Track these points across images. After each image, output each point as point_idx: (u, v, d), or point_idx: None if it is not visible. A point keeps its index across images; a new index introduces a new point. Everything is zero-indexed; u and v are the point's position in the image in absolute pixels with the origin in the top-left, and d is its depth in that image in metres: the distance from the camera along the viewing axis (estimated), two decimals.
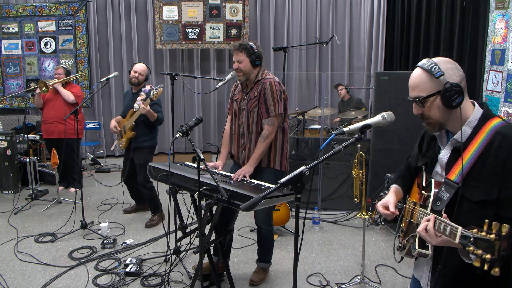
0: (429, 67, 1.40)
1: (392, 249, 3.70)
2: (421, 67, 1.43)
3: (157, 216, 4.25)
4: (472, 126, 1.42)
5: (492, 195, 1.32)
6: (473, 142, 1.39)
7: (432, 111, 1.43)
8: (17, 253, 3.55)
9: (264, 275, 3.18)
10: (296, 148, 4.71)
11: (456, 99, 1.37)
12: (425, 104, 1.43)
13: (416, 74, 1.45)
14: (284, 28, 7.19)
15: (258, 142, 2.82)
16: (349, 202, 4.39)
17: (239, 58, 2.85)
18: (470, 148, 1.38)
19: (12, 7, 6.57)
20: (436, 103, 1.41)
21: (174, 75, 3.98)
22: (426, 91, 1.42)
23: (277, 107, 2.80)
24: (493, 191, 1.32)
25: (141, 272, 3.20)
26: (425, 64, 1.42)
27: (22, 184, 5.36)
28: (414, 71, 1.47)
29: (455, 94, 1.37)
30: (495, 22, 4.11)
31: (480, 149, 1.37)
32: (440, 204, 1.41)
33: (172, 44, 6.88)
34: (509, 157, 1.31)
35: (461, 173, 1.38)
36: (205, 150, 7.25)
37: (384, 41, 6.79)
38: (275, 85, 2.81)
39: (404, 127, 4.32)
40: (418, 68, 1.45)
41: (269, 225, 3.06)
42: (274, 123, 2.82)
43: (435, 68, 1.39)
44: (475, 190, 1.36)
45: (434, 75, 1.39)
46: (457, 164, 1.41)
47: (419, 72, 1.44)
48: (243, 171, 2.74)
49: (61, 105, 4.95)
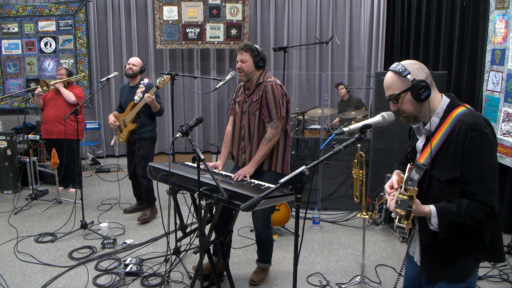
0: (397, 68, 1.64)
1: (392, 249, 3.71)
2: (391, 70, 1.67)
3: (149, 210, 4.35)
4: (439, 116, 1.64)
5: (456, 173, 1.55)
6: (439, 129, 1.61)
7: (405, 105, 1.65)
8: (17, 253, 3.55)
9: (264, 275, 3.18)
10: (296, 148, 4.71)
11: (423, 92, 1.59)
12: (399, 101, 1.65)
13: (388, 76, 1.68)
14: (284, 28, 7.19)
15: (261, 144, 2.82)
16: (349, 202, 4.39)
17: (243, 58, 2.84)
18: (437, 135, 1.61)
19: (12, 7, 6.57)
20: (407, 98, 1.63)
21: (174, 75, 3.99)
22: (398, 89, 1.64)
23: (279, 110, 2.80)
24: (456, 170, 1.55)
25: (141, 272, 3.20)
26: (394, 67, 1.66)
27: (22, 184, 5.36)
28: (386, 75, 1.69)
29: (422, 88, 1.58)
30: (495, 22, 4.11)
31: (445, 135, 1.59)
32: (411, 184, 1.61)
33: (172, 44, 6.88)
34: (466, 140, 1.52)
35: (429, 157, 1.60)
36: (205, 150, 7.25)
37: (384, 41, 6.79)
38: (276, 88, 2.81)
39: (404, 127, 4.26)
40: (389, 71, 1.68)
41: (268, 228, 3.05)
42: (277, 126, 2.82)
43: (402, 68, 1.63)
44: (442, 171, 1.58)
45: (402, 75, 1.62)
46: (426, 150, 1.63)
47: (390, 74, 1.67)
48: (244, 171, 2.74)
49: (62, 105, 4.95)
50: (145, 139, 4.20)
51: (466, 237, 1.60)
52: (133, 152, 4.26)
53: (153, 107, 4.06)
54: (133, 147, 4.24)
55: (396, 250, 3.68)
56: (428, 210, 1.54)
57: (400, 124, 1.85)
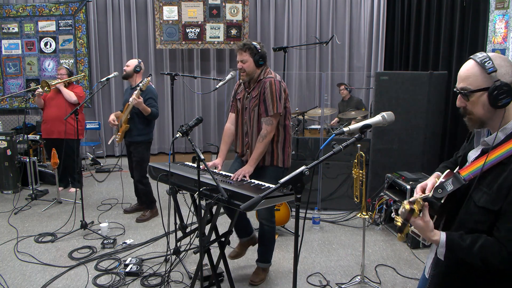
0: (482, 60, 1.34)
1: (392, 249, 3.71)
2: (474, 59, 1.37)
3: (149, 211, 4.37)
4: (506, 133, 1.36)
5: (496, 206, 1.29)
6: (500, 148, 1.33)
7: (476, 107, 1.37)
8: (17, 253, 3.55)
9: (264, 275, 3.17)
10: (296, 148, 4.71)
11: (503, 99, 1.31)
12: (470, 98, 1.37)
13: (468, 65, 1.38)
14: (284, 28, 7.19)
15: (257, 141, 2.82)
16: (349, 202, 4.39)
17: (243, 58, 2.84)
18: (494, 153, 1.34)
19: (12, 7, 6.57)
20: (481, 100, 1.35)
21: (174, 75, 3.99)
22: (474, 85, 1.35)
23: (275, 106, 2.79)
24: (497, 203, 1.29)
25: (141, 272, 3.20)
26: (479, 57, 1.35)
27: (22, 184, 5.36)
28: (466, 62, 1.40)
29: (503, 94, 1.30)
30: (495, 22, 4.11)
31: (502, 157, 1.32)
32: (441, 193, 1.39)
33: (172, 44, 6.88)
34: None
35: (474, 173, 1.35)
36: (205, 150, 7.25)
37: (384, 41, 6.79)
38: (275, 84, 2.81)
39: (404, 127, 4.33)
40: (471, 59, 1.38)
41: (271, 222, 3.05)
42: (272, 122, 2.82)
43: (488, 63, 1.33)
44: (482, 196, 1.33)
45: (486, 70, 1.32)
46: (474, 164, 1.37)
47: (471, 64, 1.37)
48: (243, 171, 2.74)
49: (62, 105, 4.95)
50: (138, 142, 4.19)
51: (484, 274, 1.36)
52: (130, 153, 4.32)
53: (141, 109, 3.98)
54: (129, 149, 4.29)
55: (396, 250, 3.68)
56: (437, 239, 1.35)
57: (400, 124, 1.81)
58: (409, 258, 3.55)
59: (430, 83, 4.32)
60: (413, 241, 3.69)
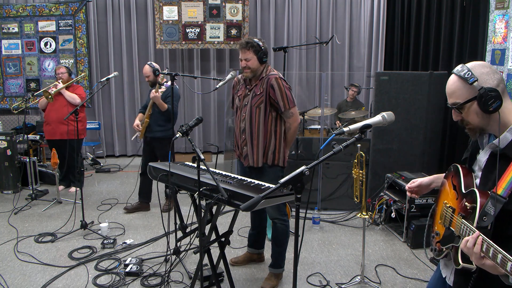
0: (462, 73, 1.39)
1: (392, 249, 3.71)
2: (455, 74, 1.43)
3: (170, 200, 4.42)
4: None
5: None
6: None
7: (470, 116, 1.41)
8: (17, 253, 3.55)
9: (277, 282, 3.04)
10: (296, 148, 4.71)
11: (493, 103, 1.34)
12: (463, 111, 1.42)
13: (451, 81, 1.44)
14: (284, 28, 7.18)
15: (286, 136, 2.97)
16: (349, 202, 4.39)
17: (247, 56, 2.85)
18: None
19: (12, 7, 6.57)
20: (473, 109, 1.40)
21: (174, 75, 4.00)
22: (462, 98, 1.40)
23: (288, 99, 2.87)
24: None
25: (141, 272, 3.20)
26: (459, 71, 1.41)
27: (22, 184, 5.35)
28: (450, 78, 1.46)
29: (491, 99, 1.34)
30: (495, 22, 4.11)
31: None
32: (486, 220, 1.33)
33: (172, 44, 6.88)
34: None
35: (509, 188, 1.31)
36: (205, 150, 7.25)
37: (384, 41, 6.78)
38: (281, 80, 2.86)
39: (404, 127, 4.33)
40: (453, 74, 1.44)
41: (284, 219, 3.00)
42: (292, 114, 2.91)
43: (468, 74, 1.38)
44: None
45: (468, 81, 1.37)
46: (504, 176, 1.33)
47: (454, 79, 1.43)
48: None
49: (64, 106, 4.95)
50: (159, 138, 4.36)
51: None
52: (148, 150, 4.45)
53: (158, 104, 4.21)
54: (149, 146, 4.43)
55: (396, 250, 3.68)
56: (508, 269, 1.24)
57: (400, 124, 1.81)
58: (409, 258, 3.55)
59: (430, 83, 4.32)
60: (413, 241, 3.69)
